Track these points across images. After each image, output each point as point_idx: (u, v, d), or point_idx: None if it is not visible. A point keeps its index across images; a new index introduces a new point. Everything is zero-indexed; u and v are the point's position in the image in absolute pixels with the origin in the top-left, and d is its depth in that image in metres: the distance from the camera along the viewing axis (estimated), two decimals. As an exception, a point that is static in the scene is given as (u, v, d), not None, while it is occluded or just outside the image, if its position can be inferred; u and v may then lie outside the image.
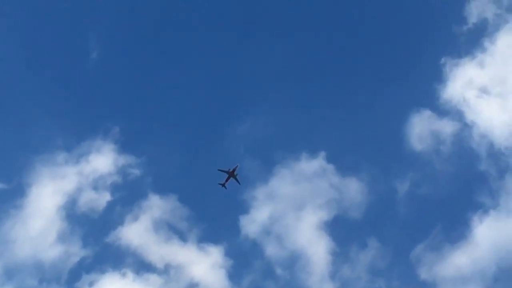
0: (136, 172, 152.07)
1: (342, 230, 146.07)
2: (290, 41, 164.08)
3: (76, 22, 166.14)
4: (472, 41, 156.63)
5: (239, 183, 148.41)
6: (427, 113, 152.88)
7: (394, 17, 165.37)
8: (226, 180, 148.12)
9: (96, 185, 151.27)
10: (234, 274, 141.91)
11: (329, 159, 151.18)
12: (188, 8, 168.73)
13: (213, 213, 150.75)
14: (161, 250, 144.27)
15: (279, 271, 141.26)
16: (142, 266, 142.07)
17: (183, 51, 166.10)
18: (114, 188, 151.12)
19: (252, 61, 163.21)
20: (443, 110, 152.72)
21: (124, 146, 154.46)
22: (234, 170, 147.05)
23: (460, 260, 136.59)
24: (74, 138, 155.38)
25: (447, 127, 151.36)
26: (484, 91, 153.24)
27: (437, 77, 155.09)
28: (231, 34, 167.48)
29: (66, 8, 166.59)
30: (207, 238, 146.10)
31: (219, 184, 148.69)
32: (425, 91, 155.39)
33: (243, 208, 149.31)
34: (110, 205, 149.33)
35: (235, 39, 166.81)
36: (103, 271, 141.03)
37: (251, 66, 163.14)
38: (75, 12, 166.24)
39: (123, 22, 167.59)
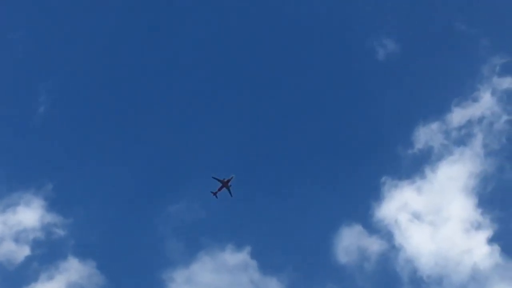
0: (60, 232, 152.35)
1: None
2: (233, 131, 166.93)
3: (27, 75, 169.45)
4: (414, 166, 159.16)
5: (231, 195, 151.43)
6: (358, 228, 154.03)
7: (345, 128, 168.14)
8: (219, 189, 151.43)
9: (17, 238, 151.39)
10: None
11: (254, 255, 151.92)
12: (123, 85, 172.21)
13: (128, 286, 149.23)
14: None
15: None
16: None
17: (125, 122, 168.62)
18: (35, 244, 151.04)
19: (197, 144, 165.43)
20: (374, 228, 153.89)
21: (53, 204, 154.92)
22: (228, 181, 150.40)
23: None
24: (6, 187, 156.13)
25: (375, 245, 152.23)
26: (417, 216, 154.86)
27: (375, 194, 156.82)
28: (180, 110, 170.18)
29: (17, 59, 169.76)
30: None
31: (211, 192, 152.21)
32: (360, 206, 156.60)
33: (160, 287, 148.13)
34: (28, 260, 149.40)
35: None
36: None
37: (197, 149, 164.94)
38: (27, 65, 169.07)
39: (71, 83, 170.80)
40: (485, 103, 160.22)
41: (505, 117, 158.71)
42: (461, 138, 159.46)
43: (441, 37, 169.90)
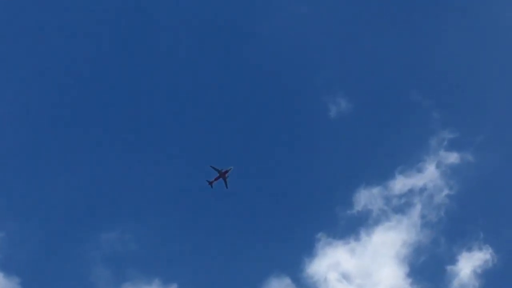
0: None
1: None
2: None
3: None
4: (351, 227, 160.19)
5: (226, 186, 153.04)
6: (286, 281, 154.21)
7: (289, 181, 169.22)
8: (215, 179, 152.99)
9: None
10: None
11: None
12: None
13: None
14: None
15: None
16: None
17: (66, 148, 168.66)
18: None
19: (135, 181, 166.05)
20: (302, 283, 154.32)
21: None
22: (226, 172, 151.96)
23: None
24: None
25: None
26: (346, 277, 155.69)
27: (308, 250, 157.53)
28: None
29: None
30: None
31: (207, 181, 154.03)
32: (293, 259, 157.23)
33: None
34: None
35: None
36: None
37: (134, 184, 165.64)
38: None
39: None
40: (428, 174, 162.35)
41: (446, 191, 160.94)
42: (400, 206, 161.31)
43: (395, 103, 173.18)
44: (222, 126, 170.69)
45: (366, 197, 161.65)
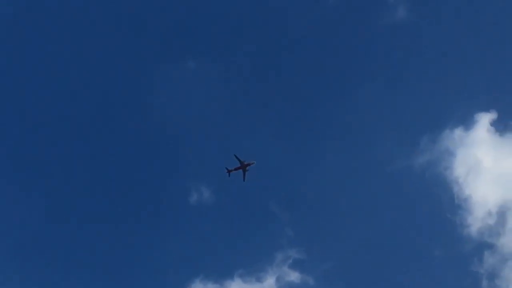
0: None
1: None
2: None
3: None
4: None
5: (244, 179, 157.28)
6: None
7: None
8: (235, 169, 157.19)
9: None
10: None
11: None
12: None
13: None
14: None
15: None
16: None
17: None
18: None
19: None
20: None
21: None
22: (248, 165, 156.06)
23: None
24: None
25: None
26: None
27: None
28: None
29: None
30: None
31: (226, 169, 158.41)
32: None
33: None
34: None
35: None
36: None
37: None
38: None
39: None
40: (266, 286, 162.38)
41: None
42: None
43: (253, 211, 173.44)
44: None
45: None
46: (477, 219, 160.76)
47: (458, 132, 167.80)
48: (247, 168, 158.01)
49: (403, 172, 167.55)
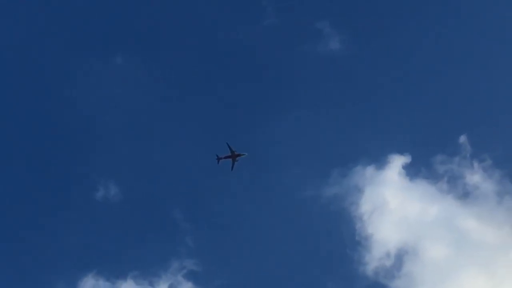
0: None
1: None
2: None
3: None
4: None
5: (232, 168, 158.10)
6: None
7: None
8: (224, 157, 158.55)
9: None
10: None
11: None
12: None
13: None
14: None
15: None
16: None
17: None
18: None
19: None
20: None
21: None
22: (238, 155, 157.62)
23: None
24: None
25: None
26: None
27: None
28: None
29: None
30: None
31: (216, 156, 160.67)
32: None
33: None
34: None
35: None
36: None
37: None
38: None
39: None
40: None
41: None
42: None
43: (158, 215, 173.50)
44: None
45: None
46: (374, 259, 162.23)
47: (369, 170, 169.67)
48: (237, 158, 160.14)
49: (310, 202, 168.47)
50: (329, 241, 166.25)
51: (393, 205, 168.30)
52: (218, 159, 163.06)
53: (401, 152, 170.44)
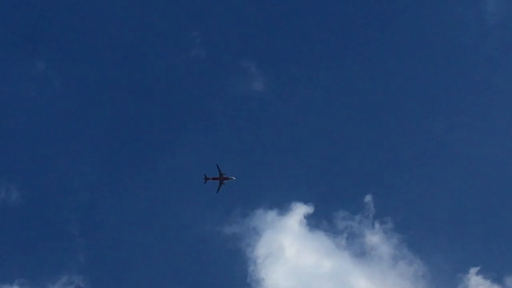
0: None
1: None
2: None
3: None
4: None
5: (217, 190, 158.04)
6: None
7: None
8: (213, 179, 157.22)
9: None
10: None
11: None
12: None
13: None
14: None
15: None
16: None
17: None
18: None
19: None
20: None
21: None
22: (226, 179, 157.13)
23: None
24: None
25: None
26: None
27: None
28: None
29: None
30: None
31: (205, 175, 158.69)
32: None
33: None
34: None
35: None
36: None
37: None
38: None
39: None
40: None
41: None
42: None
43: (55, 226, 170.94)
44: None
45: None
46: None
47: (271, 214, 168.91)
48: (225, 181, 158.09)
49: (208, 237, 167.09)
50: (219, 279, 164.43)
51: (289, 253, 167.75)
52: (206, 179, 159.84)
53: (305, 201, 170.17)
